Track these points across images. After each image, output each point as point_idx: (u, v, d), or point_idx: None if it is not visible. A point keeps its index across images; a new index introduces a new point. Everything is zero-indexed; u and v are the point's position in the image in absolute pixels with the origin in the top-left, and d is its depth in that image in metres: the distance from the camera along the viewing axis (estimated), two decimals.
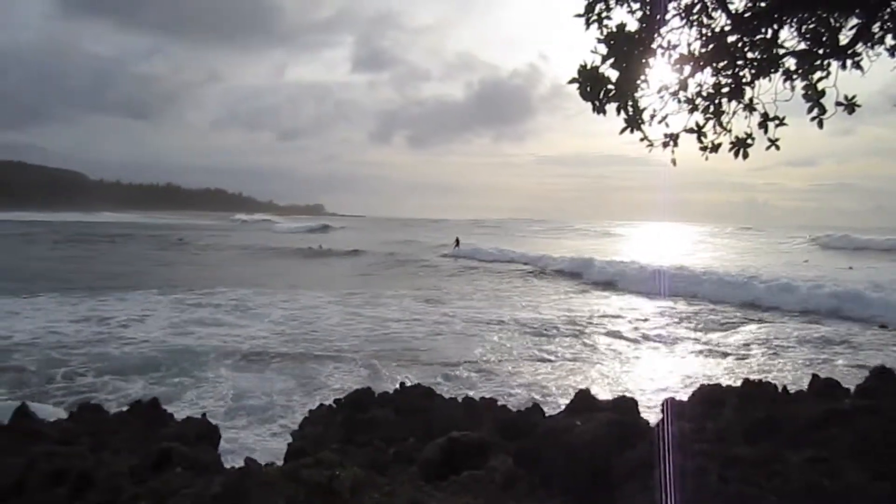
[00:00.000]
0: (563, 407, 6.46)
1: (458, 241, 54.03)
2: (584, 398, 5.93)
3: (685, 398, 6.21)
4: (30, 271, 34.68)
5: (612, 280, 32.45)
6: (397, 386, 5.70)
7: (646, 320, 21.27)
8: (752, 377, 6.36)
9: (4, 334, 17.11)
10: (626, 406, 5.72)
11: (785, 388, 5.90)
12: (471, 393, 10.79)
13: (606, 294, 28.61)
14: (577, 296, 28.06)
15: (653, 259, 44.42)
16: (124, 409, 5.12)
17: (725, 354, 16.36)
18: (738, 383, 6.14)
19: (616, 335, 18.75)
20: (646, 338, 18.47)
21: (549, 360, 15.50)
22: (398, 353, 15.97)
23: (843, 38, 4.62)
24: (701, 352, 16.69)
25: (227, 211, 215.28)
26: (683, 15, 4.82)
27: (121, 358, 14.89)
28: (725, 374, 14.33)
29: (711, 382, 7.74)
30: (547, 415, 5.87)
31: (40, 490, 3.83)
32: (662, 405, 5.84)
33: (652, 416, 6.67)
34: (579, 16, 4.68)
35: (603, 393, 10.88)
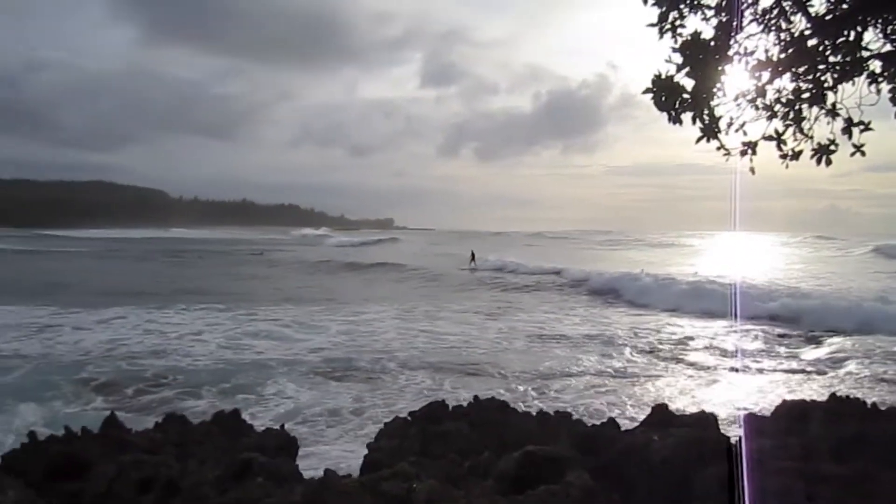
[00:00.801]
0: (638, 422, 6.35)
1: (473, 256, 52.45)
2: (661, 413, 5.82)
3: (766, 413, 6.02)
4: (107, 285, 36.28)
5: (631, 295, 31.03)
6: (471, 399, 5.70)
7: (691, 339, 20.63)
8: (837, 392, 6.12)
9: (81, 346, 17.93)
10: (705, 421, 5.58)
11: (875, 404, 5.66)
12: (543, 406, 10.76)
13: (639, 311, 27.36)
14: (615, 313, 27.05)
15: (700, 271, 43.59)
16: (207, 419, 5.27)
17: (803, 371, 15.80)
18: (823, 399, 5.92)
19: (679, 350, 18.34)
20: (717, 353, 17.99)
21: (619, 376, 15.26)
22: (459, 366, 16.07)
23: None
24: (777, 368, 16.14)
25: (299, 226, 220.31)
26: (761, 20, 4.71)
27: (190, 370, 15.39)
28: (805, 389, 13.83)
29: (793, 397, 7.48)
30: (623, 429, 5.77)
31: (129, 497, 3.98)
32: (742, 421, 5.68)
33: (732, 431, 6.49)
34: (652, 25, 4.63)
35: (680, 408, 10.66)
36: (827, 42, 4.53)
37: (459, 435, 5.02)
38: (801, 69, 4.64)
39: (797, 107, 4.73)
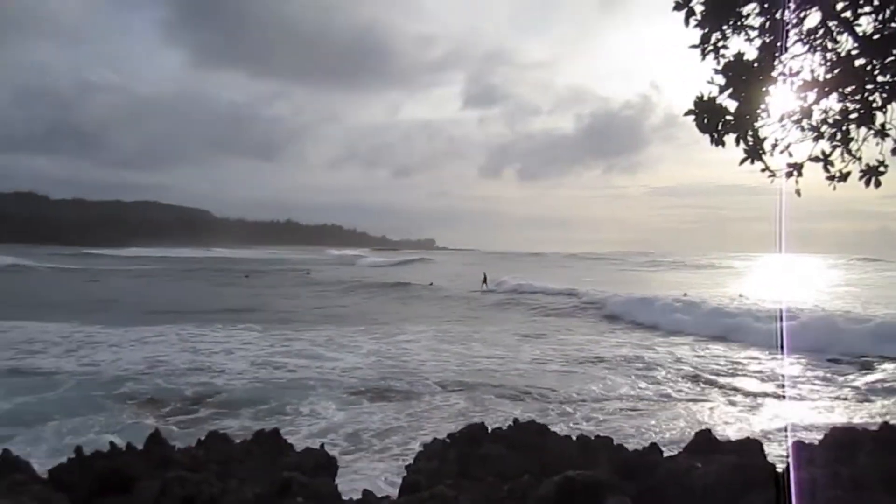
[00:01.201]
0: (681, 447, 6.23)
1: (485, 278, 51.70)
2: (704, 439, 5.70)
3: (815, 441, 5.85)
4: (149, 303, 37.15)
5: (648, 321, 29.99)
6: (510, 422, 5.66)
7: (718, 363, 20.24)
8: (889, 421, 5.93)
9: (121, 363, 18.35)
10: (750, 448, 5.45)
11: None
12: (583, 430, 10.63)
13: (674, 336, 26.29)
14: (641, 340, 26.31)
15: (745, 294, 42.86)
16: (248, 437, 5.32)
17: (853, 398, 15.34)
18: (875, 427, 5.74)
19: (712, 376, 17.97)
20: (763, 379, 17.60)
21: (660, 401, 15.01)
22: (493, 388, 16.03)
23: None
24: (827, 395, 15.69)
25: (342, 246, 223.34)
26: (806, 40, 4.65)
27: (226, 388, 15.60)
28: (856, 417, 13.44)
29: (842, 425, 7.27)
30: (665, 455, 5.66)
31: None
32: (790, 448, 5.53)
33: (778, 459, 6.33)
34: (694, 46, 4.60)
35: (724, 434, 10.43)
36: (875, 61, 4.45)
37: (499, 458, 4.98)
38: (849, 89, 4.57)
39: (844, 127, 4.64)
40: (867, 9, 4.46)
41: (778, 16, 4.59)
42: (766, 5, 4.58)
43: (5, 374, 16.74)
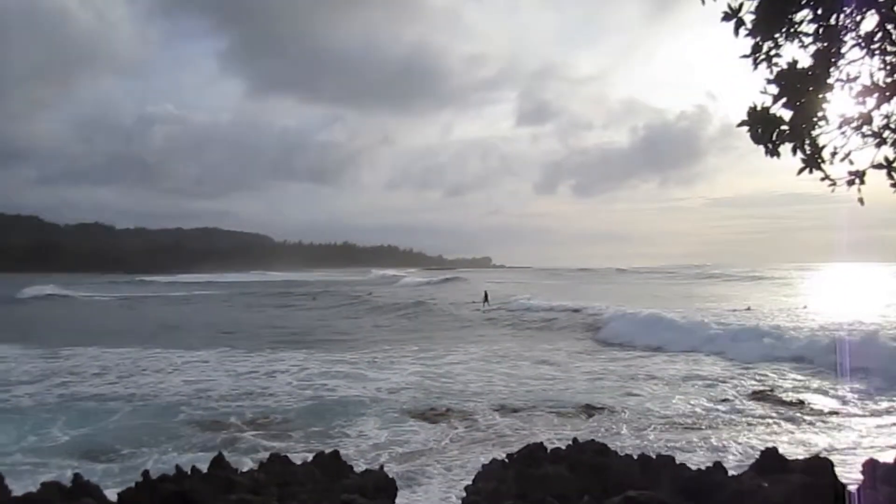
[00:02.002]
0: (747, 466, 6.05)
1: (486, 296, 51.06)
2: (771, 457, 5.54)
3: (889, 461, 5.63)
4: (203, 328, 38.22)
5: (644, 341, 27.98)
6: (570, 442, 5.59)
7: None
8: None
9: (175, 387, 18.86)
10: (819, 467, 5.27)
11: None
12: (641, 449, 10.42)
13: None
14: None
15: (809, 306, 41.54)
16: (308, 459, 5.38)
17: None
18: None
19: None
20: (831, 396, 16.98)
21: (724, 419, 14.63)
22: (543, 406, 15.94)
23: None
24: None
25: (399, 266, 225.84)
26: (863, 44, 4.52)
27: (277, 411, 15.86)
28: None
29: None
30: (730, 474, 5.52)
31: None
32: (863, 467, 5.33)
33: (850, 479, 6.09)
34: (746, 56, 4.53)
35: (792, 453, 10.12)
36: None
37: (559, 478, 4.92)
38: None
39: None
40: None
41: (833, 21, 4.49)
42: (820, 11, 4.48)
43: (68, 399, 17.28)
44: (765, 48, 4.53)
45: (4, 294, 70.04)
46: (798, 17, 4.52)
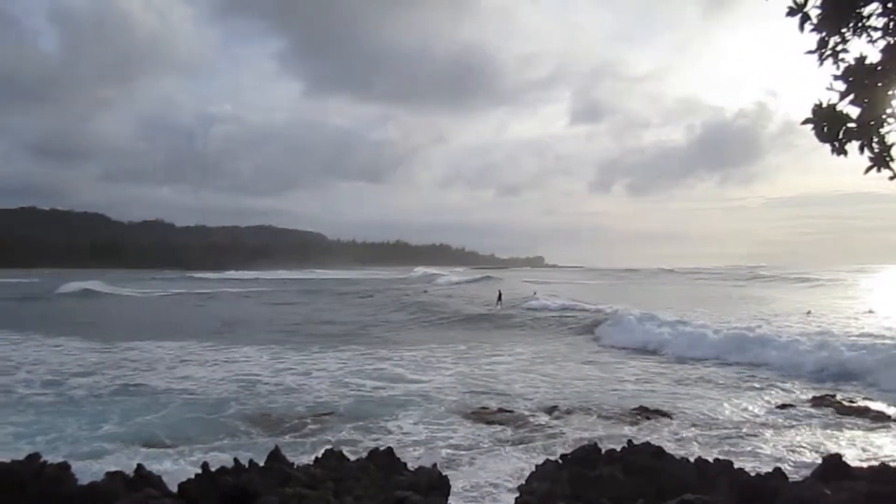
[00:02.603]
0: (808, 473, 5.89)
1: (500, 296, 51.44)
2: (834, 464, 5.38)
3: None
4: (254, 324, 39.17)
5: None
6: (625, 444, 5.54)
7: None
8: None
9: (225, 383, 19.35)
10: (886, 475, 5.10)
11: None
12: (699, 452, 10.24)
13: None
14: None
15: (874, 310, 39.77)
16: (363, 455, 5.45)
17: None
18: None
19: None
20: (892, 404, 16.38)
21: (783, 423, 14.26)
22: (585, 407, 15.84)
23: None
24: None
25: (452, 265, 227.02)
26: None
27: (327, 405, 16.09)
28: None
29: None
30: (790, 480, 5.38)
31: None
32: None
33: None
34: (811, 52, 4.40)
35: (856, 460, 9.83)
36: None
37: (613, 480, 4.88)
38: None
39: None
40: None
41: None
42: (889, 5, 4.34)
43: (125, 393, 17.82)
44: (831, 43, 4.40)
45: (50, 288, 72.91)
46: (866, 11, 4.38)
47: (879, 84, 4.25)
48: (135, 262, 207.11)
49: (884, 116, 4.30)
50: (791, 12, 4.28)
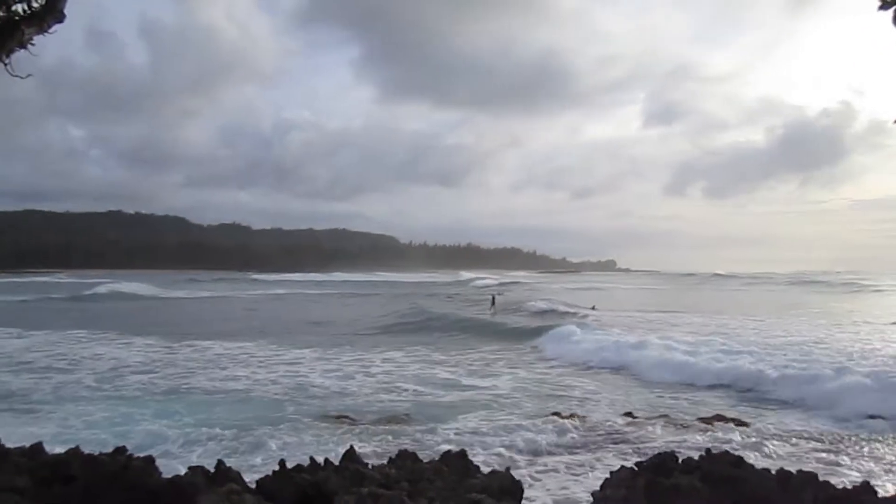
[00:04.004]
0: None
1: (493, 300, 51.72)
2: None
3: None
4: (353, 324, 39.69)
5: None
6: (703, 452, 5.40)
7: None
8: None
9: (290, 382, 19.95)
10: None
11: None
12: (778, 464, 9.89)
13: None
14: None
15: None
16: (436, 457, 5.48)
17: None
18: None
19: None
20: None
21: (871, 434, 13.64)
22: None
23: None
24: None
25: (522, 269, 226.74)
26: None
27: (393, 407, 16.40)
28: None
29: None
30: (880, 495, 5.13)
31: None
32: None
33: None
34: None
35: None
36: None
37: (691, 489, 4.75)
38: None
39: None
40: None
41: None
42: None
43: (198, 392, 18.40)
44: None
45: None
46: None
47: None
48: (213, 263, 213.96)
49: None
50: (885, 5, 4.10)
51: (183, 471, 6.57)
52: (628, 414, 15.11)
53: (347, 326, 39.12)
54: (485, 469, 5.49)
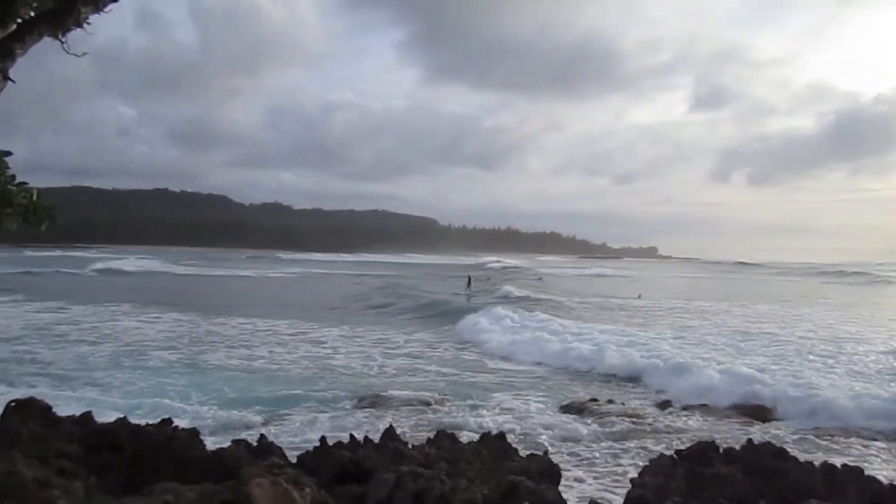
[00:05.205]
0: None
1: (469, 281, 53.66)
2: None
3: None
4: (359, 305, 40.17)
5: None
6: (744, 442, 5.34)
7: None
8: None
9: (331, 360, 20.36)
10: None
11: None
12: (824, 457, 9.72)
13: None
14: None
15: None
16: (475, 439, 5.51)
17: None
18: None
19: None
20: None
21: None
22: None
23: None
24: None
25: (561, 253, 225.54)
26: None
27: (426, 387, 16.56)
28: None
29: None
30: None
31: None
32: None
33: None
34: None
35: None
36: None
37: (731, 480, 4.71)
38: None
39: None
40: None
41: None
42: None
43: (232, 368, 18.69)
44: None
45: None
46: None
47: None
48: (254, 242, 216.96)
49: None
50: None
51: (222, 444, 6.75)
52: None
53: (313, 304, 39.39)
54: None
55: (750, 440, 5.34)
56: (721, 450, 5.16)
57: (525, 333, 25.06)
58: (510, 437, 6.12)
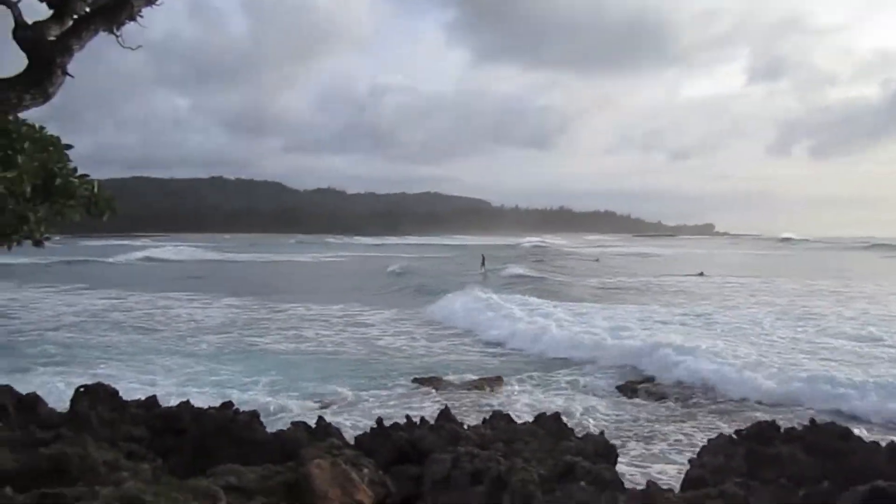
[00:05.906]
0: None
1: (483, 261, 53.96)
2: None
3: None
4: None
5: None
6: (806, 422, 5.22)
7: None
8: None
9: (383, 342, 20.50)
10: None
11: None
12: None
13: None
14: None
15: None
16: (531, 420, 5.52)
17: None
18: None
19: None
20: None
21: None
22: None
23: None
24: None
25: (617, 232, 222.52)
26: None
27: (472, 367, 16.59)
28: None
29: None
30: None
31: (463, 486, 4.33)
32: None
33: None
34: None
35: None
36: None
37: (793, 460, 4.62)
38: None
39: None
40: None
41: None
42: None
43: (286, 353, 18.99)
44: None
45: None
46: None
47: None
48: (308, 227, 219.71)
49: None
50: None
51: (281, 426, 6.92)
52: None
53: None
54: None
55: (812, 420, 5.23)
56: (782, 430, 5.06)
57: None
58: (564, 418, 6.10)
